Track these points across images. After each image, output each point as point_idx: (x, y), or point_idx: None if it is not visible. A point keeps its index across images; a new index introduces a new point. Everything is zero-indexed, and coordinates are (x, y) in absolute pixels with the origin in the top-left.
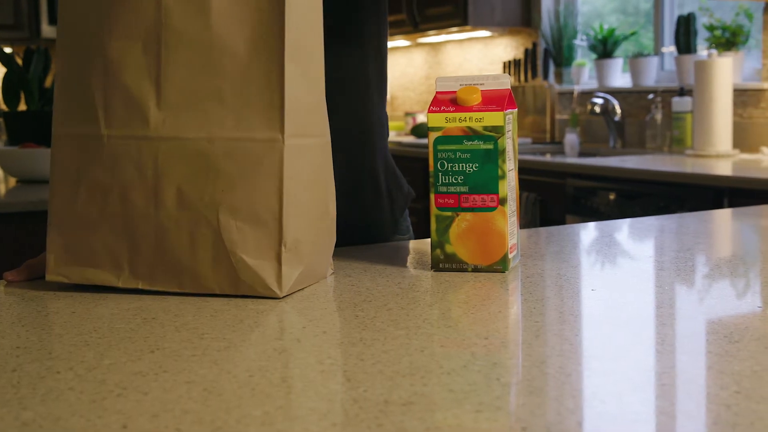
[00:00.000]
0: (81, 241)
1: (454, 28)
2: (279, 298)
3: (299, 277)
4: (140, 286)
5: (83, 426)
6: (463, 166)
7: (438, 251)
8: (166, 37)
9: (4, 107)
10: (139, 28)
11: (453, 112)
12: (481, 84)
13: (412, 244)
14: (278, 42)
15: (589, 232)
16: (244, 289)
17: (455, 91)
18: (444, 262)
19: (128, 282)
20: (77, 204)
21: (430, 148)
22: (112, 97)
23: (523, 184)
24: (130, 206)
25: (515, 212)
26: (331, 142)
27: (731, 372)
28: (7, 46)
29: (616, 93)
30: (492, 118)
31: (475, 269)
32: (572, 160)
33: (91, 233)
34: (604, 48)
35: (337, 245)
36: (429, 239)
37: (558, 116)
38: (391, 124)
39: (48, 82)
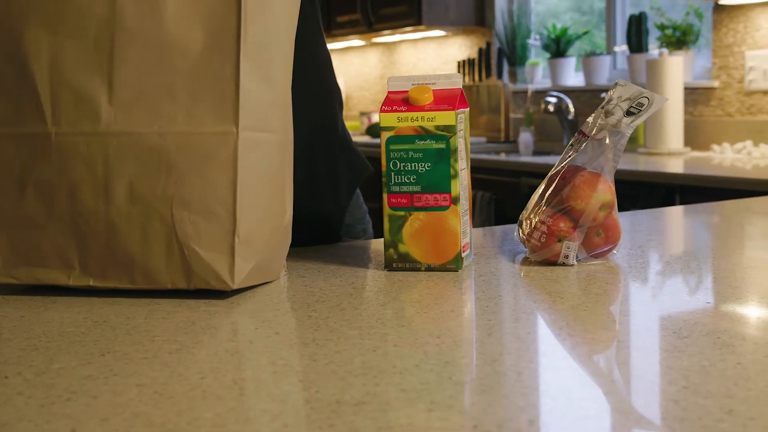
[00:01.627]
0: (29, 242)
1: (409, 28)
2: (231, 291)
3: (252, 271)
4: (92, 284)
5: (31, 431)
6: (415, 165)
7: (391, 251)
8: (118, 36)
9: None
10: (90, 26)
11: (405, 111)
12: (432, 83)
13: (366, 244)
14: (233, 39)
15: None
16: (197, 282)
17: (407, 91)
18: (397, 262)
19: (79, 280)
20: (24, 204)
21: (383, 148)
22: (60, 95)
23: (478, 183)
24: (79, 204)
25: (468, 211)
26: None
27: (680, 367)
28: None
29: (570, 92)
30: (444, 118)
31: (429, 268)
32: (526, 158)
33: (39, 233)
34: (557, 47)
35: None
36: (382, 239)
37: (512, 115)
38: (346, 124)
39: None
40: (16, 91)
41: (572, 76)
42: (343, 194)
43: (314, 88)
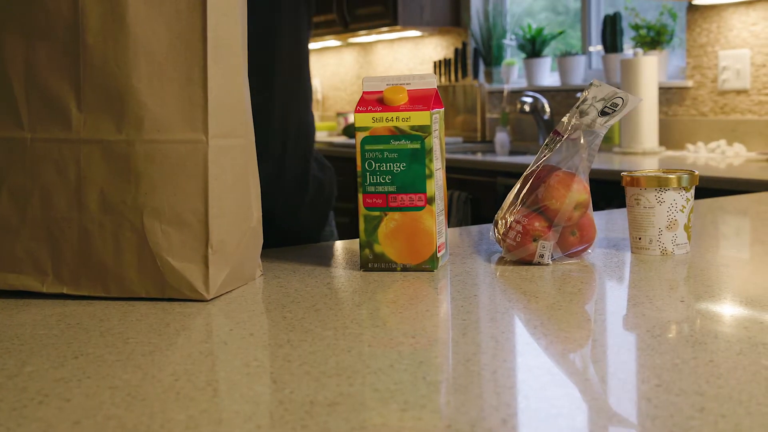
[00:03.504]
0: (2, 247)
1: (384, 28)
2: (206, 301)
3: (226, 279)
4: (65, 292)
5: None
6: (390, 165)
7: (367, 251)
8: (84, 38)
9: None
10: (58, 29)
11: (380, 111)
12: (407, 84)
13: (342, 244)
14: (200, 41)
15: None
16: (171, 292)
17: (382, 91)
18: (373, 262)
19: (52, 287)
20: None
21: (358, 148)
22: (34, 100)
23: (454, 183)
24: (52, 210)
25: (443, 211)
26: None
27: (653, 366)
28: None
29: (545, 92)
30: (418, 118)
31: (404, 268)
32: (503, 158)
33: (12, 238)
34: (533, 47)
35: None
36: (358, 239)
37: (488, 115)
38: (322, 124)
39: None
40: None
41: (548, 76)
42: (317, 197)
43: (303, 86)
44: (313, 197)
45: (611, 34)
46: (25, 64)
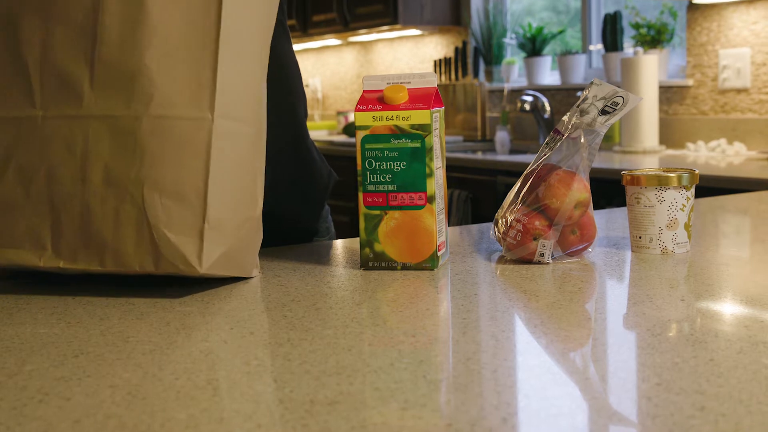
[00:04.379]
0: (4, 224)
1: (385, 27)
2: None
3: (221, 258)
4: (61, 266)
5: None
6: (390, 164)
7: (367, 250)
8: (102, 19)
9: None
10: (77, 13)
11: (380, 110)
12: (407, 82)
13: (342, 243)
14: (213, 25)
15: None
16: (165, 265)
17: (382, 90)
18: (373, 261)
19: (50, 261)
20: (2, 187)
21: (358, 147)
22: (48, 79)
23: (455, 182)
24: (56, 185)
25: (443, 210)
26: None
27: (653, 364)
28: None
29: (546, 90)
30: (419, 117)
31: (404, 267)
32: (503, 157)
33: (15, 215)
34: (533, 46)
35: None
36: (358, 238)
37: (488, 114)
38: (323, 123)
39: None
40: (9, 77)
41: (548, 75)
42: (316, 195)
43: (278, 89)
44: (305, 175)
45: (611, 32)
46: (42, 45)
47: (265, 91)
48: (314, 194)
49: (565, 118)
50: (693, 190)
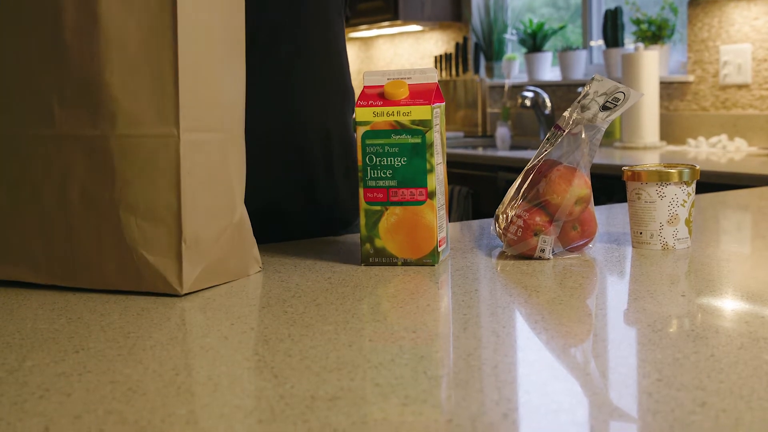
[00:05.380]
0: (1, 239)
1: (385, 23)
2: (181, 296)
3: (203, 274)
4: (58, 283)
5: (4, 429)
6: (391, 160)
7: (368, 246)
8: (63, 34)
9: None
10: (44, 26)
11: (380, 106)
12: (408, 78)
13: (343, 239)
14: (170, 35)
15: None
16: (147, 286)
17: (383, 86)
18: (374, 257)
19: (46, 279)
20: None
21: (359, 143)
22: (24, 96)
23: (455, 178)
24: (41, 205)
25: (444, 206)
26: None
27: (654, 360)
28: None
29: (546, 86)
30: (419, 112)
31: (405, 263)
32: (503, 153)
33: (9, 232)
34: (534, 42)
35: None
36: (359, 234)
37: (489, 110)
38: None
39: None
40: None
41: (549, 71)
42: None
43: (330, 84)
44: (351, 163)
45: (612, 28)
46: (17, 60)
47: (241, 90)
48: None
49: (566, 113)
50: (694, 185)
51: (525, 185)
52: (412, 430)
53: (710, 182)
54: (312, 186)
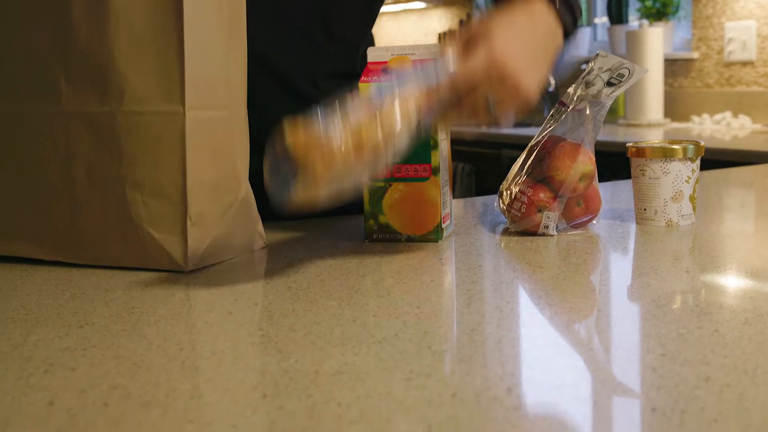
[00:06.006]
0: (5, 216)
1: (389, 0)
2: (186, 272)
3: (208, 250)
4: (62, 259)
5: (8, 403)
6: None
7: (371, 222)
8: (70, 12)
9: None
10: (50, 8)
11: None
12: (412, 54)
13: (346, 215)
14: (176, 12)
15: None
16: (152, 263)
17: (387, 62)
18: (377, 233)
19: (50, 255)
20: (1, 179)
21: None
22: (29, 75)
23: (459, 155)
24: (46, 181)
25: (448, 182)
26: None
27: (658, 335)
28: None
29: None
30: None
31: (409, 239)
32: (507, 130)
33: (14, 208)
34: None
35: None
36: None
37: None
38: None
39: None
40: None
41: None
42: None
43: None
44: None
45: (616, 5)
46: (25, 38)
47: (244, 67)
48: None
49: (570, 90)
50: (698, 162)
51: (529, 161)
52: (416, 405)
53: (714, 159)
54: None
